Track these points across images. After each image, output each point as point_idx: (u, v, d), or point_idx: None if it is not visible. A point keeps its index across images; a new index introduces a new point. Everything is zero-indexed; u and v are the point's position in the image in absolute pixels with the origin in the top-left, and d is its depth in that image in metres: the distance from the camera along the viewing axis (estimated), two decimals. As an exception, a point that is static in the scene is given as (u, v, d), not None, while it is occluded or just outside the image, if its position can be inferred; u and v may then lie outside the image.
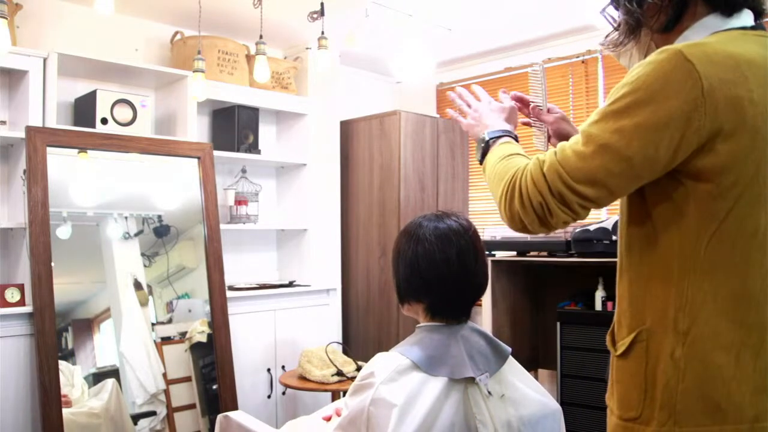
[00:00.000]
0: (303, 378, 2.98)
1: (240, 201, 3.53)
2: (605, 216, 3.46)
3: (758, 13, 1.04)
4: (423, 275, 1.32)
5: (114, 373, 2.76)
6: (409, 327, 3.13)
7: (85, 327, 2.76)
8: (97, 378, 2.72)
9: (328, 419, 1.52)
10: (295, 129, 3.83)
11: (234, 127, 3.45)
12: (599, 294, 3.09)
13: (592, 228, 2.98)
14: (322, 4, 2.92)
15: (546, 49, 3.87)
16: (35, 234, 2.59)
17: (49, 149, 2.69)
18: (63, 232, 2.74)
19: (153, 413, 2.83)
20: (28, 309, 2.57)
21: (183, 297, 3.07)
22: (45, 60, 2.76)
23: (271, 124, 3.92)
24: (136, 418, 2.77)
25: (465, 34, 3.75)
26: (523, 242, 3.29)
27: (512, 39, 3.86)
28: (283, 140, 3.92)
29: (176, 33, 3.36)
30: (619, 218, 1.09)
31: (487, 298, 3.40)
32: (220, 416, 1.74)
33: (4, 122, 2.87)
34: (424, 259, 1.32)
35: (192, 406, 2.98)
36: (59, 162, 2.76)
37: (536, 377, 3.45)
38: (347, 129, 4.06)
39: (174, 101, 3.29)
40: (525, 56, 3.98)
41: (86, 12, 3.07)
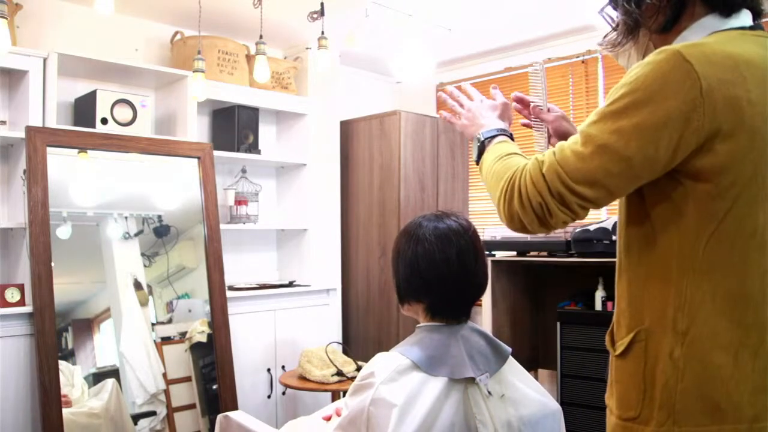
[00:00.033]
0: (303, 378, 2.98)
1: (240, 201, 3.53)
2: (605, 216, 3.46)
3: (757, 14, 1.04)
4: (423, 275, 1.32)
5: (114, 373, 2.76)
6: (409, 327, 3.13)
7: (85, 327, 2.76)
8: (97, 378, 2.72)
9: (328, 419, 1.52)
10: (295, 129, 3.83)
11: (234, 127, 3.45)
12: (599, 294, 3.08)
13: (592, 228, 2.98)
14: (322, 4, 2.92)
15: (546, 49, 3.87)
16: (35, 234, 2.59)
17: (49, 149, 2.69)
18: (63, 232, 2.74)
19: (153, 413, 2.83)
20: (28, 309, 2.57)
21: (183, 297, 3.07)
22: (45, 60, 2.76)
23: (271, 124, 3.92)
24: (136, 418, 2.77)
25: (465, 34, 3.75)
26: (523, 242, 3.29)
27: (512, 39, 3.86)
28: (283, 140, 3.92)
29: (176, 33, 3.36)
30: (618, 218, 1.09)
31: (487, 298, 3.40)
32: (220, 416, 1.75)
33: (4, 122, 2.87)
34: (423, 259, 1.32)
35: (192, 406, 2.98)
36: (59, 162, 2.76)
37: (536, 377, 3.45)
38: (347, 129, 4.06)
39: (174, 101, 3.29)
40: (525, 56, 3.98)
41: (86, 12, 3.07)
